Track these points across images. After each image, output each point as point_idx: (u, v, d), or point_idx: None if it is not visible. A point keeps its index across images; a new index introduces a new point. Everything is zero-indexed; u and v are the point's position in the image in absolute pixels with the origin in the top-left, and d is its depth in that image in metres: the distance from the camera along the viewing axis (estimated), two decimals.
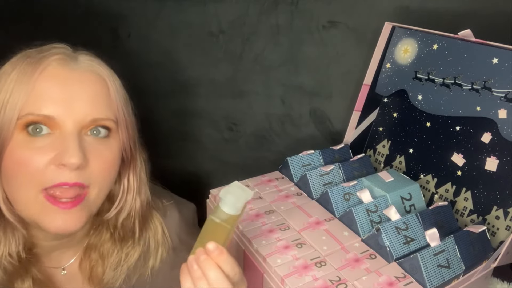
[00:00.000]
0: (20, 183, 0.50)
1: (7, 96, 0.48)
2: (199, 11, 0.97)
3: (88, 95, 0.51)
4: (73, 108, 0.50)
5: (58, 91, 0.49)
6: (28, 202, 0.50)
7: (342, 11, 0.87)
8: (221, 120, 1.07)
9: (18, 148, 0.49)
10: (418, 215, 0.63)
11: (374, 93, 0.83)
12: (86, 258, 0.62)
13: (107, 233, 0.61)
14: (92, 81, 0.52)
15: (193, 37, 1.00)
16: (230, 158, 1.09)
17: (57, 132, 0.50)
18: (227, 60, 1.00)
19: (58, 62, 0.50)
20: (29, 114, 0.48)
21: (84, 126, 0.51)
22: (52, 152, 0.49)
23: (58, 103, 0.49)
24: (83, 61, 0.53)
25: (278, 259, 0.57)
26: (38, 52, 0.51)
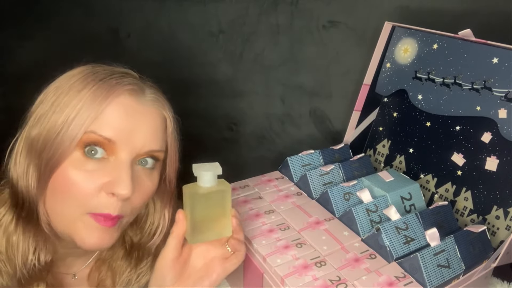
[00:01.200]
0: (66, 202, 0.50)
1: (74, 114, 0.49)
2: (199, 11, 0.97)
3: (149, 128, 0.53)
4: (133, 138, 0.51)
5: (123, 120, 0.51)
6: (70, 220, 0.51)
7: (342, 10, 0.87)
8: (221, 120, 1.07)
9: (71, 167, 0.50)
10: (418, 215, 0.62)
11: (374, 93, 0.83)
12: (96, 270, 0.63)
13: (121, 250, 0.62)
14: (154, 116, 0.54)
15: (193, 37, 1.00)
16: (230, 158, 1.09)
17: (112, 158, 0.51)
18: (227, 60, 1.00)
19: (130, 93, 0.52)
20: (93, 132, 0.49)
21: (137, 156, 0.52)
22: (105, 178, 0.50)
23: (121, 130, 0.50)
24: (149, 95, 0.55)
25: (278, 259, 0.57)
26: (110, 75, 0.52)
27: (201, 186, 0.52)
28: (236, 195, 0.72)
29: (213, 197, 0.53)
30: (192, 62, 1.03)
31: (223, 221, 0.54)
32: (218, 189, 0.53)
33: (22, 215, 0.52)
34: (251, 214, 0.67)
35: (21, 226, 0.52)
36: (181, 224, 0.53)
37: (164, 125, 0.56)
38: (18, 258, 0.52)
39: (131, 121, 0.51)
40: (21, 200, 0.51)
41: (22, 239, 0.52)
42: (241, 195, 0.72)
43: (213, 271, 0.55)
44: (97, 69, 0.53)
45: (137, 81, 0.55)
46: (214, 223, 0.54)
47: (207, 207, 0.53)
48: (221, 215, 0.54)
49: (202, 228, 0.53)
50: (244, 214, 0.67)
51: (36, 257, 0.53)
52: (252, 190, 0.74)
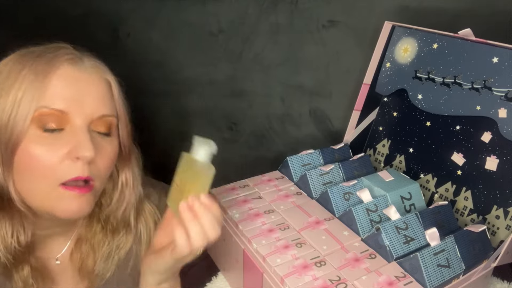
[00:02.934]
0: (35, 177, 0.52)
1: (20, 94, 0.50)
2: (199, 10, 0.97)
3: (96, 93, 0.55)
4: (83, 105, 0.53)
5: (70, 89, 0.52)
6: (44, 194, 0.53)
7: (342, 10, 0.87)
8: (221, 120, 1.07)
9: (32, 144, 0.51)
10: (418, 214, 0.62)
11: (374, 92, 0.83)
12: (77, 250, 0.64)
13: (97, 225, 0.64)
14: (98, 81, 0.56)
15: (193, 37, 1.00)
16: (230, 158, 1.09)
17: (67, 127, 0.52)
18: (227, 59, 1.00)
19: (69, 62, 0.54)
20: (44, 107, 0.50)
21: (92, 122, 0.54)
22: (66, 147, 0.52)
23: (70, 100, 0.52)
24: (88, 62, 0.56)
25: (278, 259, 0.57)
26: (46, 51, 0.54)
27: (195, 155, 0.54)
28: (236, 195, 0.72)
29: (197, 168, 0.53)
30: (192, 62, 1.03)
31: None
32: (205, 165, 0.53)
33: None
34: (251, 214, 0.67)
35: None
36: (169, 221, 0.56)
37: (109, 89, 0.57)
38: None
39: (77, 89, 0.53)
40: None
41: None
42: (241, 195, 0.72)
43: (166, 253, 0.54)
44: (30, 49, 0.55)
45: (73, 51, 0.56)
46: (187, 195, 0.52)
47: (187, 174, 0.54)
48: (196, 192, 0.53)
49: (177, 194, 0.54)
50: (243, 214, 0.67)
51: (15, 239, 0.55)
52: (252, 189, 0.74)
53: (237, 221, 0.65)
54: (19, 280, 0.56)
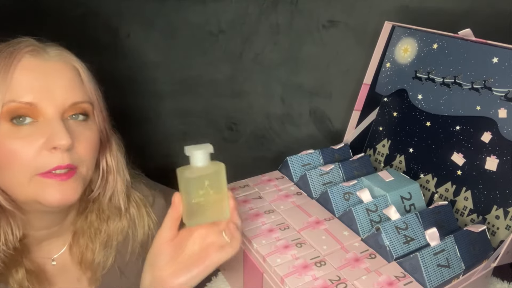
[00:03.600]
0: (12, 171, 0.51)
1: None
2: (199, 10, 0.97)
3: (64, 81, 0.54)
4: (52, 95, 0.52)
5: (36, 81, 0.51)
6: (23, 186, 0.52)
7: (342, 10, 0.87)
8: (221, 120, 1.07)
9: (5, 139, 0.50)
10: (418, 214, 0.62)
11: (374, 92, 0.83)
12: (75, 244, 0.64)
13: (91, 215, 0.64)
14: (65, 69, 0.55)
15: (193, 37, 1.00)
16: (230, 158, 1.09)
17: (40, 119, 0.52)
18: (227, 59, 1.00)
19: (31, 53, 0.53)
20: (12, 101, 0.50)
21: (64, 111, 0.53)
22: (41, 139, 0.51)
23: (37, 91, 0.51)
24: (53, 51, 0.55)
25: (278, 259, 0.57)
26: (7, 46, 0.53)
27: (194, 166, 0.52)
28: (236, 195, 0.72)
29: (207, 178, 0.52)
30: (192, 62, 1.03)
31: (220, 203, 0.53)
32: (212, 169, 0.52)
33: None
34: (251, 214, 0.67)
35: None
36: (176, 207, 0.53)
37: (78, 76, 0.56)
38: None
39: (44, 79, 0.52)
40: None
41: None
42: (241, 195, 0.72)
43: (207, 258, 0.54)
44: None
45: (35, 43, 0.55)
46: (210, 205, 0.53)
47: (202, 188, 0.52)
48: (217, 197, 0.53)
49: (199, 210, 0.53)
50: (244, 214, 0.67)
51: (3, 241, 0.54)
52: (252, 189, 0.74)
53: None
54: (14, 283, 0.55)
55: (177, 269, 0.53)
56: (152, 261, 0.54)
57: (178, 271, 0.53)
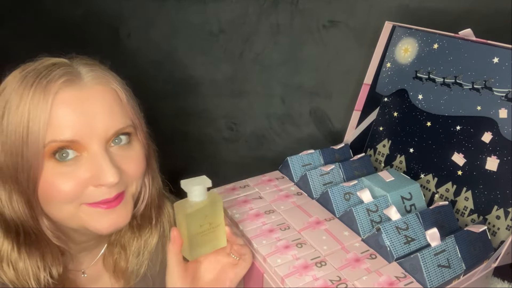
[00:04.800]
0: (59, 204, 0.50)
1: (25, 130, 0.47)
2: (199, 10, 0.97)
3: (104, 109, 0.51)
4: (94, 128, 0.49)
5: (75, 115, 0.48)
6: (71, 215, 0.51)
7: (342, 10, 0.87)
8: (221, 120, 1.07)
9: (49, 176, 0.49)
10: (419, 214, 0.62)
11: (375, 92, 0.83)
12: (109, 253, 0.63)
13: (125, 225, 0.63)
14: (103, 94, 0.51)
15: (193, 37, 1.00)
16: (230, 158, 1.09)
17: (84, 154, 0.50)
18: (227, 59, 1.00)
19: (66, 84, 0.49)
20: (53, 141, 0.48)
21: (107, 140, 0.51)
22: (86, 174, 0.49)
23: (78, 127, 0.48)
24: (88, 75, 0.51)
25: (278, 259, 0.57)
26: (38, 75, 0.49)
27: (192, 201, 0.53)
28: (236, 195, 0.72)
29: (205, 212, 0.54)
30: (192, 62, 1.03)
31: (218, 233, 0.56)
32: (209, 202, 0.53)
33: (21, 240, 0.51)
34: (251, 214, 0.67)
35: (24, 251, 0.51)
36: (177, 242, 0.53)
37: (117, 98, 0.53)
38: (31, 282, 0.51)
39: (83, 112, 0.49)
40: (14, 227, 0.50)
41: (29, 262, 0.51)
42: (241, 195, 0.72)
43: (226, 279, 0.57)
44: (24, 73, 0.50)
45: (68, 68, 0.50)
46: (209, 236, 0.55)
47: (201, 222, 0.54)
48: (215, 227, 0.55)
49: (198, 242, 0.54)
50: (244, 214, 0.67)
51: (48, 272, 0.53)
52: (252, 190, 0.74)
53: (238, 221, 0.65)
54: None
55: None
56: None
57: None
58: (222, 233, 0.56)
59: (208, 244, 0.55)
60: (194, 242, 0.54)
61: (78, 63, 0.52)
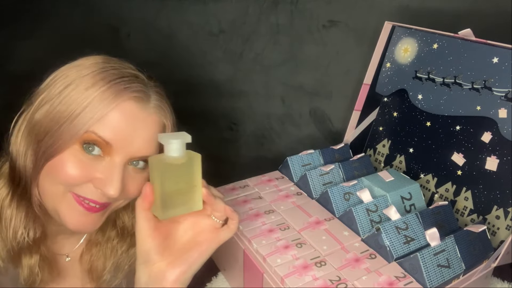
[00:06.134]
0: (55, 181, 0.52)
1: (79, 110, 0.50)
2: (199, 10, 0.97)
3: (147, 135, 0.54)
4: (130, 143, 0.52)
5: (124, 126, 0.52)
6: (56, 197, 0.53)
7: (342, 10, 0.87)
8: (221, 120, 1.07)
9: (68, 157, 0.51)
10: (418, 214, 0.62)
11: (374, 92, 0.83)
12: (87, 252, 0.64)
13: (112, 231, 0.63)
14: (155, 124, 0.55)
15: (193, 37, 1.00)
16: (230, 158, 1.09)
17: (107, 158, 0.52)
18: (227, 59, 1.00)
19: (136, 100, 0.53)
20: (93, 132, 0.50)
21: (131, 159, 0.53)
22: (97, 174, 0.52)
23: (120, 135, 0.51)
24: (153, 102, 0.55)
25: (278, 259, 0.57)
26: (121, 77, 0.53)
27: (169, 156, 0.50)
28: (236, 195, 0.72)
29: (182, 169, 0.51)
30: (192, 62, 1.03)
31: (193, 194, 0.52)
32: (188, 160, 0.51)
33: (17, 192, 0.55)
34: (251, 214, 0.67)
35: (15, 202, 0.55)
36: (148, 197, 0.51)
37: (162, 130, 0.57)
38: (9, 230, 0.55)
39: (131, 128, 0.52)
40: (17, 178, 0.54)
41: (15, 214, 0.55)
42: (241, 195, 0.72)
43: (203, 241, 0.53)
44: (108, 66, 0.53)
45: (144, 88, 0.55)
46: (183, 196, 0.51)
47: (176, 179, 0.51)
48: (191, 188, 0.51)
49: (172, 202, 0.51)
50: (244, 214, 0.67)
51: (27, 232, 0.55)
52: (252, 190, 0.74)
53: None
54: (25, 267, 0.57)
55: (173, 259, 0.52)
56: (143, 259, 0.52)
57: (174, 261, 0.51)
58: (198, 195, 0.52)
59: (182, 205, 0.52)
60: (167, 200, 0.51)
61: (151, 87, 0.56)
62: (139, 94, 0.53)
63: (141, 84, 0.54)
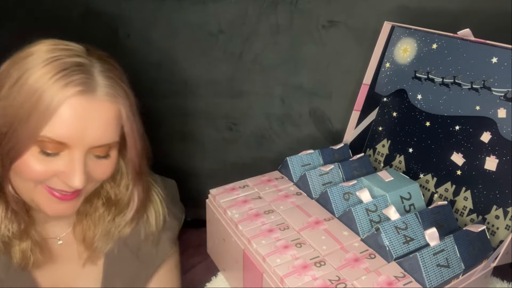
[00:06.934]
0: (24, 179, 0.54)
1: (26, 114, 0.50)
2: (199, 10, 0.97)
3: (101, 124, 0.54)
4: (85, 137, 0.53)
5: (74, 122, 0.52)
6: (30, 191, 0.55)
7: (342, 10, 0.87)
8: (221, 120, 1.07)
9: (30, 159, 0.52)
10: (418, 214, 0.63)
11: (374, 92, 0.83)
12: (79, 223, 0.66)
13: (98, 201, 0.65)
14: (107, 111, 0.54)
15: (193, 37, 1.00)
16: (230, 158, 1.09)
17: (66, 152, 0.53)
18: (227, 60, 1.00)
19: (81, 93, 0.52)
20: (45, 137, 0.51)
21: (91, 149, 0.54)
22: (60, 168, 0.53)
23: (72, 132, 0.52)
24: (101, 89, 0.54)
25: (278, 259, 0.57)
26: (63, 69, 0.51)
27: None
28: (235, 195, 0.72)
29: None
30: (191, 62, 1.03)
31: None
32: None
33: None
34: (251, 214, 0.67)
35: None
36: None
37: (118, 115, 0.56)
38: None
39: (82, 123, 0.52)
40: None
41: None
42: (241, 195, 0.72)
43: None
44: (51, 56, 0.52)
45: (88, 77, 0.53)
46: None
47: None
48: None
49: None
50: (243, 214, 0.67)
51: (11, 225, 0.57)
52: (251, 190, 0.74)
53: (237, 221, 0.65)
54: (18, 252, 0.58)
55: None
56: None
57: None
58: None
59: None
60: None
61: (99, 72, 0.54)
62: (83, 87, 0.52)
63: (84, 74, 0.52)
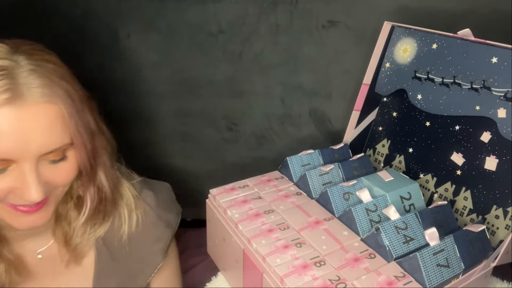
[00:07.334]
0: None
1: None
2: (199, 10, 0.97)
3: (41, 128, 0.49)
4: (28, 145, 0.48)
5: (11, 134, 0.47)
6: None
7: (342, 10, 0.87)
8: (221, 120, 1.07)
9: None
10: (418, 214, 0.63)
11: (374, 92, 0.83)
12: (58, 227, 0.64)
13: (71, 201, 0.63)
14: (44, 113, 0.49)
15: (193, 37, 1.00)
16: (230, 158, 1.09)
17: (14, 166, 0.49)
18: (227, 60, 1.00)
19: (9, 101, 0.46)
20: None
21: (40, 156, 0.50)
22: (11, 183, 0.49)
23: (13, 145, 0.47)
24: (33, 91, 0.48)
25: (278, 259, 0.57)
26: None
27: None
28: (235, 195, 0.72)
29: None
30: (191, 62, 1.03)
31: None
32: None
33: None
34: (251, 214, 0.67)
35: None
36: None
37: (59, 115, 0.50)
38: None
39: (20, 132, 0.47)
40: None
41: None
42: (241, 195, 0.72)
43: None
44: None
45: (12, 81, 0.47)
46: None
47: None
48: None
49: None
50: (243, 214, 0.67)
51: None
52: (251, 190, 0.74)
53: (237, 221, 0.65)
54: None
55: None
56: None
57: None
58: None
59: None
60: None
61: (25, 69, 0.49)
62: (9, 93, 0.46)
63: (7, 79, 0.47)
